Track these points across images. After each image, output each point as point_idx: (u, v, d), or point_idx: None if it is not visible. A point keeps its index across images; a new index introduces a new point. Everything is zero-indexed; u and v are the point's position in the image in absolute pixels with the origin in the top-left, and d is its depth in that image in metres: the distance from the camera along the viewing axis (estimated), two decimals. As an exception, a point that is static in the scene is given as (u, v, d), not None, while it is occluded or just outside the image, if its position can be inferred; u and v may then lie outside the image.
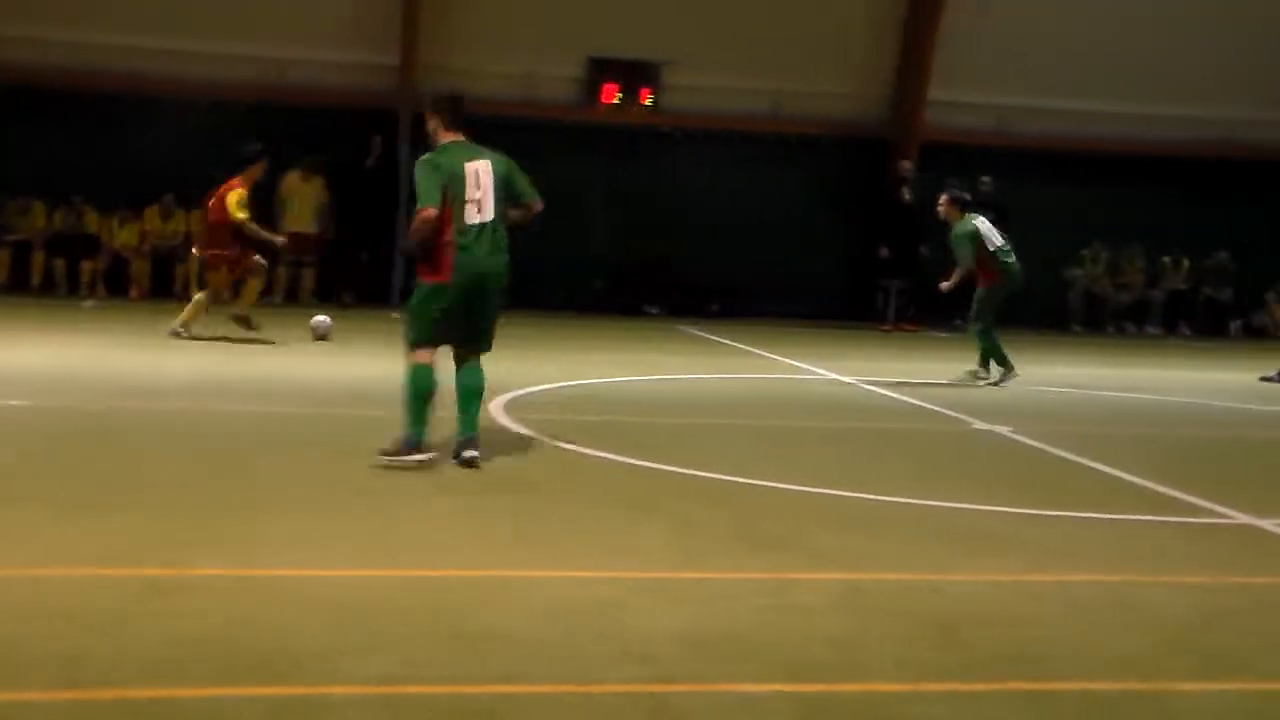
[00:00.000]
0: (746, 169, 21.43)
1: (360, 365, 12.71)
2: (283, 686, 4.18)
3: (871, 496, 7.54)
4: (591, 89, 20.94)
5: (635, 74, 20.94)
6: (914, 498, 7.53)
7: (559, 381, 12.07)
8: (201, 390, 10.56)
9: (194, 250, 14.92)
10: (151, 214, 19.77)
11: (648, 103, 20.96)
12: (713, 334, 17.57)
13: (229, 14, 19.93)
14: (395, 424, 7.77)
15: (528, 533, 6.34)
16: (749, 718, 4.15)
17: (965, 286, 13.54)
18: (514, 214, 8.02)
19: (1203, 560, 6.42)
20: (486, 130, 8.22)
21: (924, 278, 20.73)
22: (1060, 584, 5.90)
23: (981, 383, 13.34)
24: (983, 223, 13.52)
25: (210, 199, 14.10)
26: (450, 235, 7.67)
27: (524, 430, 9.15)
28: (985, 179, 21.14)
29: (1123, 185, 21.98)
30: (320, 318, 14.85)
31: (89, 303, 18.47)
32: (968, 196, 13.93)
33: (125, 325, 15.46)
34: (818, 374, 13.93)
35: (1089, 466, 8.89)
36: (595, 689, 4.29)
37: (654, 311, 20.96)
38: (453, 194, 7.68)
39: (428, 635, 4.71)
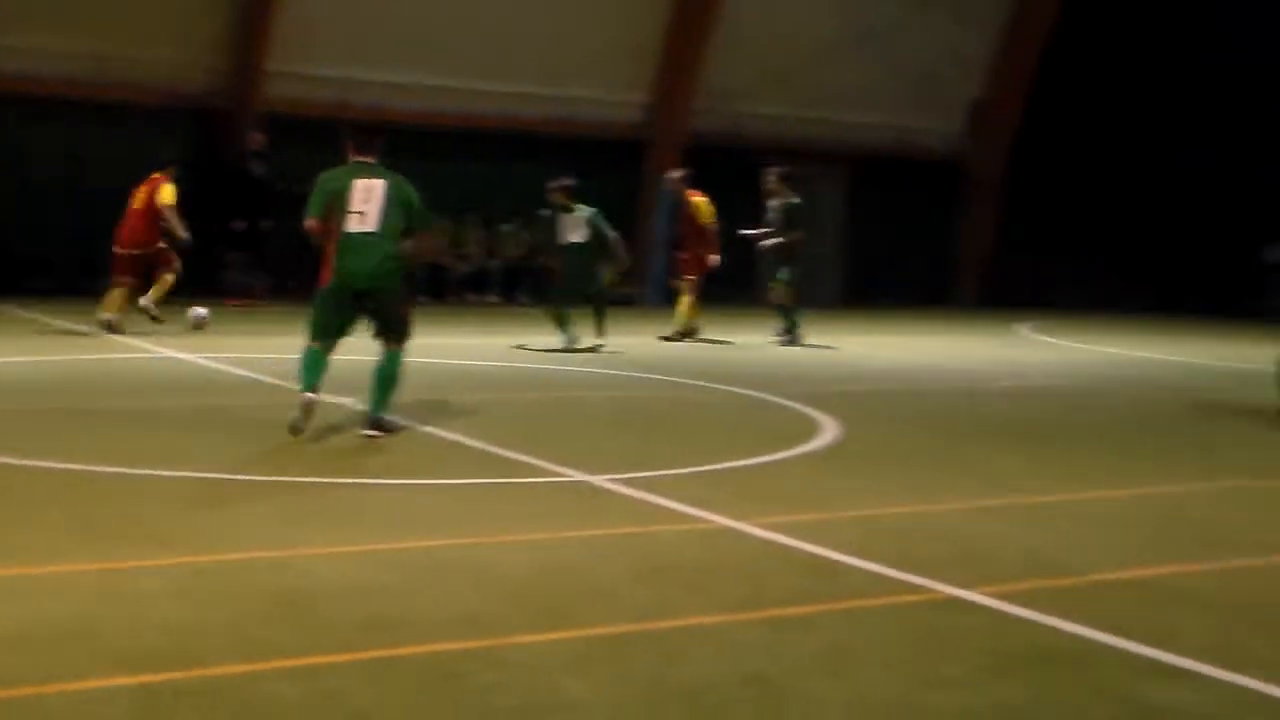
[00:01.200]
0: (68, 137, 20.30)
1: None
2: None
3: (215, 476, 7.37)
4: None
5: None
6: (254, 475, 7.42)
7: None
8: None
9: (117, 249, 14.90)
10: None
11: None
12: (36, 313, 16.52)
13: None
14: None
15: None
16: (79, 717, 3.89)
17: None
18: (408, 245, 8.80)
19: (541, 518, 6.69)
20: None
21: (272, 251, 20.48)
22: (405, 550, 5.98)
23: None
24: (592, 212, 14.73)
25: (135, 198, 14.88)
26: (333, 243, 8.59)
27: None
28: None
29: (460, 159, 22.59)
30: (199, 310, 15.32)
31: None
32: (570, 182, 14.73)
33: None
34: (158, 353, 13.39)
35: (429, 433, 9.07)
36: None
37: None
38: (336, 207, 8.61)
39: None
